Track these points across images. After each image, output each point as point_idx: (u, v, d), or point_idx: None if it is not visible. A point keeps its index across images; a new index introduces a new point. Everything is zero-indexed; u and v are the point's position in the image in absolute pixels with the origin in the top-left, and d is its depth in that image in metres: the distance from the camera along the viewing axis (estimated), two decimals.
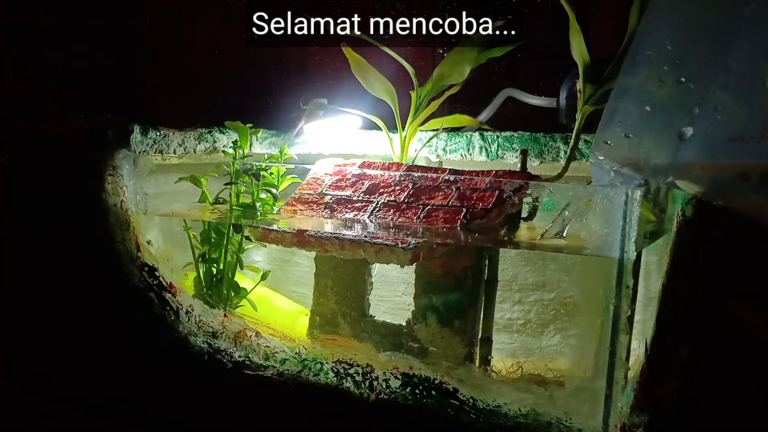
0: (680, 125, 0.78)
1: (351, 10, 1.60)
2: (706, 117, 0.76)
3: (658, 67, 0.80)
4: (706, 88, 0.75)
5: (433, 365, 1.11)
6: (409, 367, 1.07)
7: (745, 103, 0.73)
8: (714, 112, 0.75)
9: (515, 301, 1.41)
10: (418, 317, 1.20)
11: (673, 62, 0.79)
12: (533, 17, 1.59)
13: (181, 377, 1.13)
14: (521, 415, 1.00)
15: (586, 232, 1.01)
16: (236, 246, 1.33)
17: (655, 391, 0.92)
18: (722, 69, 0.73)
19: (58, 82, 1.55)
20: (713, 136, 0.76)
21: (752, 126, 0.72)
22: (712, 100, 0.75)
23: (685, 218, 1.05)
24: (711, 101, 0.75)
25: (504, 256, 1.33)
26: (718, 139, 0.76)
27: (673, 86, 0.78)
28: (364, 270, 1.27)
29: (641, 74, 0.82)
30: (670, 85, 0.79)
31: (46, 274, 1.19)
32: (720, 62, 0.73)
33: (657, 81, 0.80)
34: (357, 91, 1.35)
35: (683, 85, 0.77)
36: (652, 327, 0.97)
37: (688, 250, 1.01)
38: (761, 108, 0.72)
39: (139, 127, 1.20)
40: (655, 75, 0.80)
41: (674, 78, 0.78)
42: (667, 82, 0.79)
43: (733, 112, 0.74)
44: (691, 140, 0.78)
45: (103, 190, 1.15)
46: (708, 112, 0.76)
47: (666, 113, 0.80)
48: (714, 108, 0.75)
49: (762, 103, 0.72)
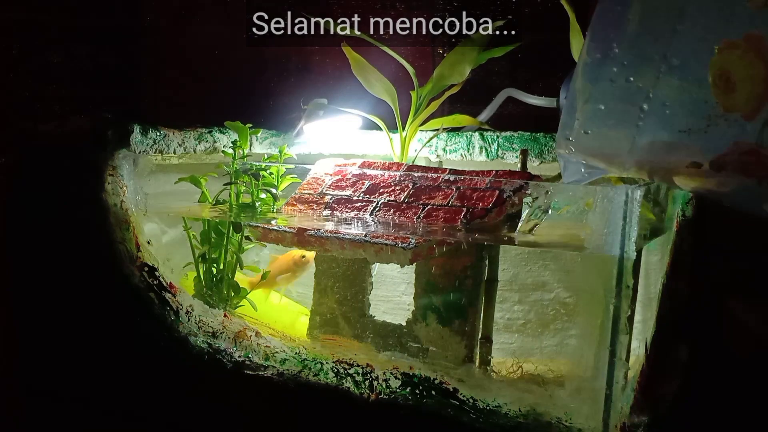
0: (633, 121, 0.83)
1: (351, 10, 1.60)
2: (655, 112, 0.81)
3: (608, 69, 0.84)
4: (653, 85, 0.79)
5: (433, 365, 1.11)
6: (409, 367, 1.07)
7: (690, 97, 0.78)
8: (662, 108, 0.80)
9: (515, 301, 1.41)
10: (418, 317, 1.20)
11: (621, 64, 0.84)
12: (533, 17, 1.59)
13: (181, 377, 1.13)
14: (521, 415, 1.00)
15: (586, 231, 1.01)
16: (236, 246, 1.33)
17: (655, 391, 0.92)
18: (666, 67, 0.78)
19: (58, 82, 1.55)
20: (664, 129, 0.81)
21: (699, 118, 0.77)
22: (660, 96, 0.80)
23: (685, 218, 1.05)
24: (659, 98, 0.80)
25: (504, 256, 1.32)
26: (669, 131, 0.81)
27: (622, 86, 0.83)
28: (364, 270, 1.27)
29: (595, 75, 0.86)
30: (620, 85, 0.84)
31: (46, 274, 1.19)
32: (663, 60, 0.78)
33: (608, 81, 0.85)
34: (357, 91, 1.35)
35: (632, 84, 0.82)
36: (652, 327, 0.97)
37: (688, 250, 1.01)
38: (705, 101, 0.77)
39: (139, 127, 1.20)
40: (606, 76, 0.85)
41: (623, 78, 0.83)
42: (617, 82, 0.84)
43: (679, 107, 0.79)
44: (643, 134, 0.83)
45: (103, 190, 1.15)
46: (657, 107, 0.80)
47: (618, 111, 0.84)
48: (662, 104, 0.80)
49: (705, 97, 0.76)
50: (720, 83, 0.75)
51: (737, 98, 0.75)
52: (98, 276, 1.15)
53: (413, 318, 1.21)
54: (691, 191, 0.94)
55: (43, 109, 1.54)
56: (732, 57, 0.75)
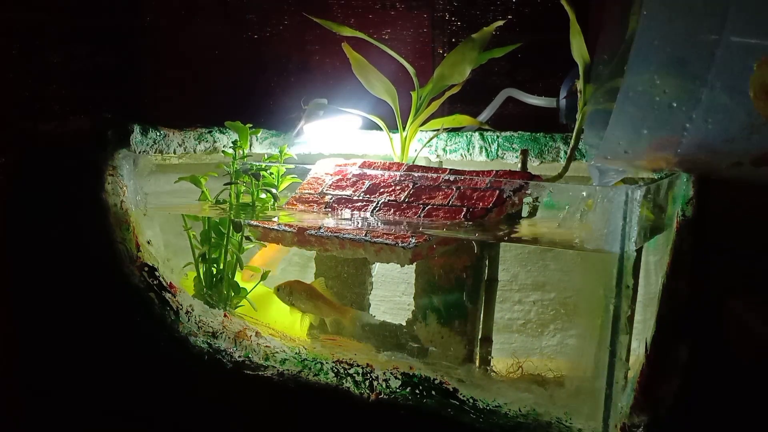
0: (676, 138, 0.88)
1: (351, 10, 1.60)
2: (700, 126, 0.86)
3: (652, 90, 0.87)
4: (695, 106, 0.84)
5: (433, 365, 1.11)
6: (409, 367, 1.07)
7: (732, 114, 0.83)
8: (705, 123, 0.85)
9: (515, 301, 1.41)
10: (418, 317, 1.20)
11: (662, 89, 0.87)
12: (533, 17, 1.59)
13: (181, 377, 1.13)
14: (521, 415, 1.00)
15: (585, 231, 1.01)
16: (236, 246, 1.33)
17: (655, 391, 0.92)
18: (708, 89, 0.83)
19: (58, 82, 1.55)
20: (708, 139, 0.86)
21: (741, 129, 0.83)
22: (702, 114, 0.85)
23: (685, 218, 1.05)
24: (701, 116, 0.85)
25: (504, 256, 1.33)
26: (712, 141, 0.87)
27: (664, 107, 0.87)
28: (364, 270, 1.27)
29: (643, 85, 0.88)
30: (662, 105, 0.87)
31: (46, 274, 1.19)
32: (704, 83, 0.83)
33: (651, 102, 0.88)
34: (357, 91, 1.35)
35: (674, 107, 0.86)
36: (652, 327, 0.97)
37: (688, 250, 1.01)
38: (748, 113, 0.82)
39: (139, 127, 1.20)
40: (648, 97, 0.88)
41: (667, 100, 0.87)
42: (661, 101, 0.87)
43: (722, 122, 0.84)
44: (686, 146, 0.88)
45: (103, 190, 1.15)
46: (700, 124, 0.85)
47: (666, 123, 0.88)
48: (704, 120, 0.85)
49: (747, 110, 0.82)
50: (761, 95, 0.80)
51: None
52: (98, 276, 1.15)
53: (413, 318, 1.21)
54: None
55: (43, 109, 1.54)
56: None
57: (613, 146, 0.93)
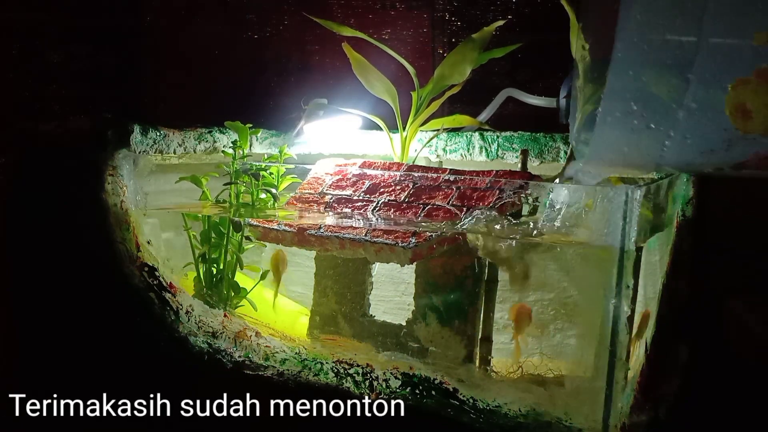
0: (657, 151, 0.90)
1: (351, 10, 1.60)
2: (679, 142, 0.88)
3: (630, 116, 0.90)
4: (672, 126, 0.87)
5: (433, 365, 1.11)
6: (409, 367, 1.07)
7: (709, 131, 0.86)
8: (684, 140, 0.88)
9: (515, 302, 1.41)
10: (418, 317, 1.20)
11: (640, 114, 0.90)
12: (533, 17, 1.59)
13: (181, 377, 1.13)
14: (521, 415, 1.00)
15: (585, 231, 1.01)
16: (236, 246, 1.33)
17: (655, 391, 0.92)
18: (684, 112, 0.85)
19: (58, 82, 1.55)
20: (687, 152, 0.89)
21: (719, 142, 0.86)
22: (680, 132, 0.87)
23: (685, 218, 1.05)
24: (679, 134, 0.87)
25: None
26: (691, 154, 0.89)
27: (643, 129, 0.90)
28: (364, 270, 1.27)
29: (621, 111, 0.90)
30: (641, 127, 0.90)
31: (46, 275, 1.19)
32: (680, 106, 0.86)
33: (631, 125, 0.90)
34: (357, 91, 1.35)
35: (652, 128, 0.89)
36: (652, 327, 0.98)
37: (688, 250, 1.01)
38: (725, 129, 0.84)
39: (139, 127, 1.20)
40: (629, 121, 0.90)
41: (644, 123, 0.89)
42: (639, 125, 0.90)
43: (700, 139, 0.87)
44: (667, 158, 0.91)
45: (103, 190, 1.15)
46: (678, 141, 0.88)
47: (645, 143, 0.90)
48: (683, 137, 0.87)
49: (724, 126, 0.84)
50: (737, 113, 0.82)
51: (755, 123, 0.83)
52: (98, 276, 1.15)
53: (413, 318, 1.21)
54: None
55: (44, 109, 1.54)
56: (745, 91, 0.82)
57: (596, 161, 0.97)
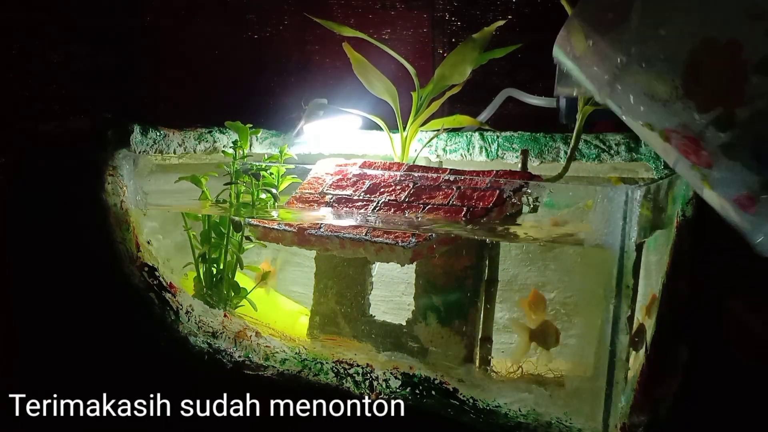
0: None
1: (351, 10, 1.60)
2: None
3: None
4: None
5: (433, 365, 1.11)
6: (409, 367, 1.07)
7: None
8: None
9: (516, 302, 1.41)
10: (418, 317, 1.20)
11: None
12: (533, 17, 1.59)
13: (181, 377, 1.13)
14: (521, 415, 1.00)
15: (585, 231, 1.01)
16: (236, 246, 1.33)
17: (655, 391, 0.92)
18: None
19: (58, 82, 1.55)
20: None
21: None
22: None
23: (685, 218, 1.05)
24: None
25: (504, 256, 1.32)
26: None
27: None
28: (364, 269, 1.27)
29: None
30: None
31: (46, 275, 1.19)
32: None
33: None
34: (357, 91, 1.35)
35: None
36: (652, 327, 0.98)
37: (688, 250, 1.01)
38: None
39: (139, 127, 1.20)
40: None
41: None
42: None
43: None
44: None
45: (103, 190, 1.15)
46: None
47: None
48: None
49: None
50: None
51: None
52: (98, 276, 1.15)
53: (413, 318, 1.21)
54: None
55: (44, 109, 1.54)
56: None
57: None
